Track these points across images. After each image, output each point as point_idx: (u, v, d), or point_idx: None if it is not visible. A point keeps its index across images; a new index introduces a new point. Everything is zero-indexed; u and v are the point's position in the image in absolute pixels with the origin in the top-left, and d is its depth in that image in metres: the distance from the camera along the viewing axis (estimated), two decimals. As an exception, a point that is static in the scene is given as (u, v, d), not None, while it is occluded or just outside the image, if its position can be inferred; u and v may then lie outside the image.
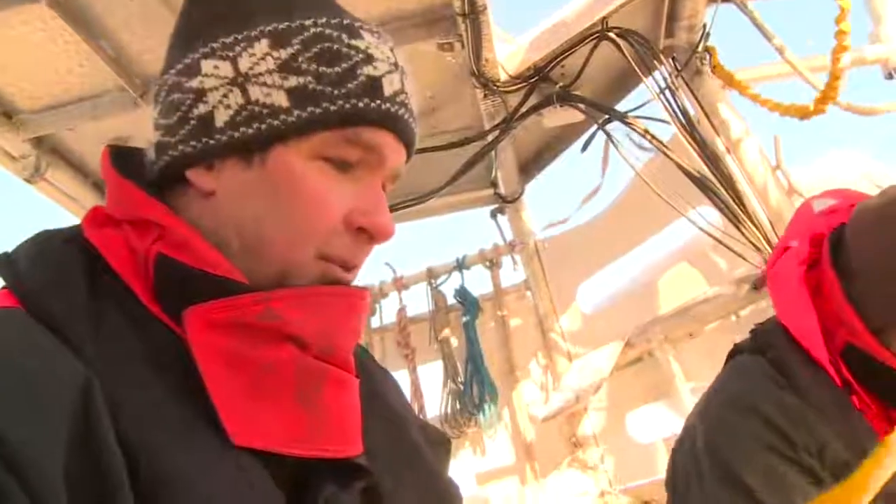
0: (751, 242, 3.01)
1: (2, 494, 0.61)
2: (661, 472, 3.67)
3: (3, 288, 0.79)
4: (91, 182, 3.61)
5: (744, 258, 3.10)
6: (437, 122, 3.60)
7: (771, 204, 3.09)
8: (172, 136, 0.87)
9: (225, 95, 0.84)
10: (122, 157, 0.93)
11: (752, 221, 3.02)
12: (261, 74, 0.84)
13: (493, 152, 3.70)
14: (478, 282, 4.47)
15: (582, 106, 3.35)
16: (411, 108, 0.92)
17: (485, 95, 3.30)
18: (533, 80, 3.31)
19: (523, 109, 3.38)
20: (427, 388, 4.32)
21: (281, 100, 0.84)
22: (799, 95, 2.99)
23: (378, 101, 0.86)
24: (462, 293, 4.36)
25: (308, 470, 0.81)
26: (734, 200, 3.05)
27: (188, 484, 0.70)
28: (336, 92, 0.84)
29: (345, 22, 0.88)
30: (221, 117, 0.84)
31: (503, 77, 3.22)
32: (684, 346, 3.65)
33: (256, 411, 0.78)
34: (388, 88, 0.87)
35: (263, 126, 0.84)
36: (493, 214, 4.33)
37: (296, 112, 0.83)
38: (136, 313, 0.80)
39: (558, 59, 3.26)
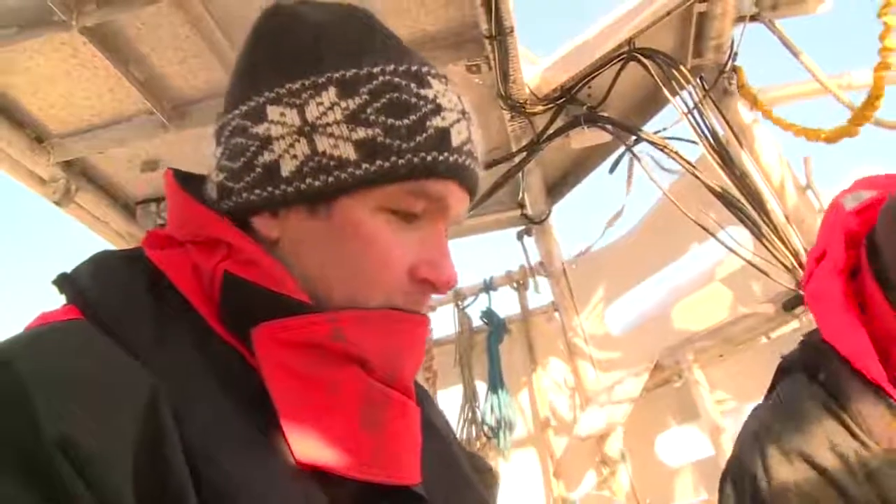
0: (781, 263, 2.98)
1: (71, 498, 0.61)
2: (691, 495, 3.66)
3: (66, 304, 0.80)
4: (120, 204, 3.66)
5: (774, 279, 3.07)
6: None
7: (802, 224, 3.06)
8: (237, 182, 0.86)
9: (291, 145, 0.83)
10: (186, 181, 0.93)
11: (783, 241, 2.98)
12: (328, 125, 0.83)
13: (520, 174, 3.70)
14: (505, 303, 4.47)
15: (609, 127, 3.35)
16: (476, 155, 0.90)
17: (512, 117, 3.30)
18: (560, 101, 3.31)
19: (550, 131, 3.38)
20: (451, 411, 4.31)
21: (349, 152, 0.82)
22: (829, 113, 2.96)
23: (446, 154, 0.84)
24: (489, 315, 4.35)
25: (366, 494, 0.80)
26: (764, 220, 3.02)
27: (250, 499, 0.70)
28: (405, 146, 0.82)
29: (413, 69, 0.87)
30: (287, 167, 0.83)
31: (530, 98, 3.22)
32: (714, 368, 3.62)
33: (321, 431, 0.78)
34: (456, 139, 0.86)
35: (331, 179, 0.82)
36: (520, 236, 4.33)
37: (364, 165, 0.82)
38: (199, 330, 0.80)
39: (585, 80, 3.27)
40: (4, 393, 0.65)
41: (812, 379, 1.33)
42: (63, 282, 0.82)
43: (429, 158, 0.83)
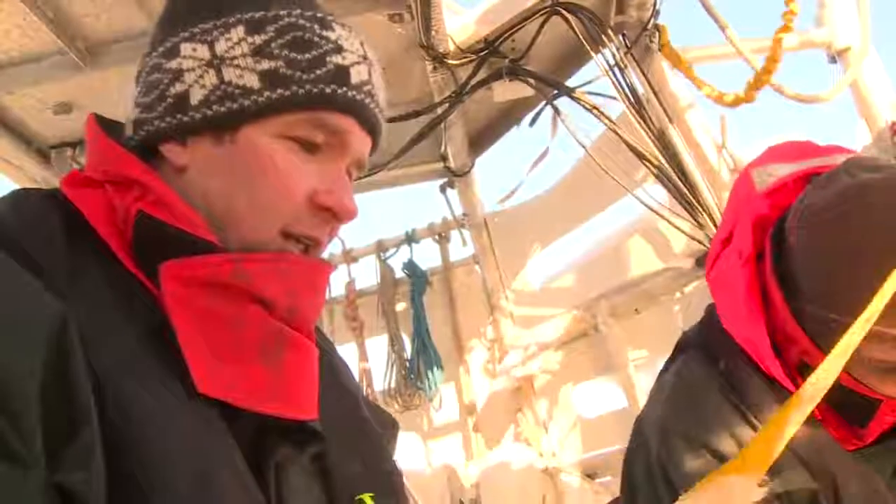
0: (695, 220, 3.04)
1: None
2: (606, 445, 3.75)
3: None
4: (34, 148, 3.53)
5: (689, 235, 3.13)
6: (386, 94, 3.54)
7: (717, 182, 3.12)
8: (150, 113, 0.93)
9: (201, 76, 0.90)
10: (107, 125, 0.98)
11: (698, 199, 3.04)
12: (235, 58, 0.90)
13: (442, 126, 3.68)
14: (427, 255, 4.48)
15: (531, 80, 3.34)
16: (378, 99, 0.97)
17: (434, 68, 3.27)
18: (483, 53, 3.28)
19: (473, 83, 3.36)
20: (374, 361, 4.34)
21: (253, 81, 0.89)
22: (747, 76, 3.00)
23: (344, 88, 0.91)
24: (410, 266, 4.37)
25: (264, 429, 0.86)
26: (680, 178, 3.07)
27: (151, 425, 0.74)
28: (305, 76, 0.89)
29: (318, 15, 0.94)
30: (196, 96, 0.90)
31: (453, 50, 3.20)
32: (630, 321, 3.69)
33: (222, 365, 0.82)
34: (356, 77, 0.93)
35: (235, 105, 0.89)
36: (443, 188, 4.32)
37: (266, 93, 0.89)
38: (112, 267, 0.85)
39: (508, 33, 3.24)
40: None
41: (712, 365, 1.34)
42: None
43: (327, 90, 0.90)
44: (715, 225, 2.98)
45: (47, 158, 3.57)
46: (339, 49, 0.92)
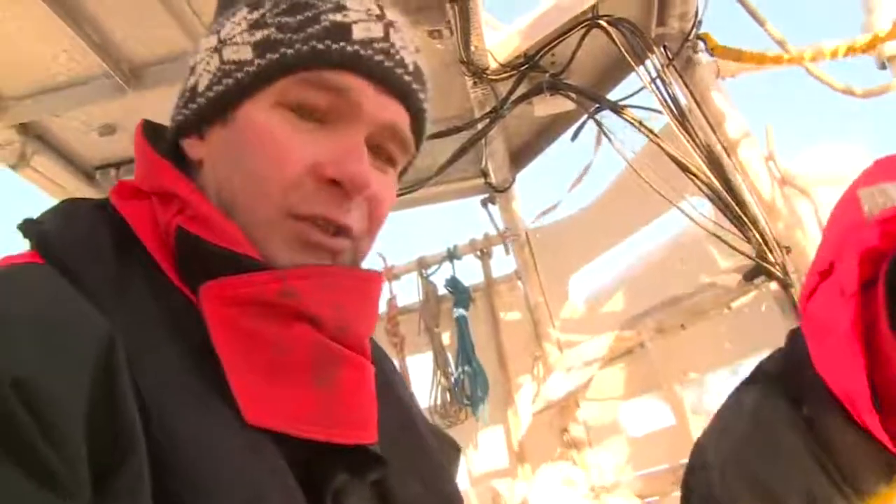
0: (742, 234, 2.99)
1: (23, 439, 0.59)
2: (654, 464, 3.69)
3: (30, 249, 0.79)
4: (79, 170, 3.61)
5: (736, 249, 3.07)
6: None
7: (763, 194, 3.06)
8: (174, 111, 0.92)
9: (207, 63, 0.89)
10: (156, 133, 0.94)
11: (744, 212, 2.99)
12: (234, 36, 0.88)
13: (483, 141, 3.67)
14: (469, 272, 4.45)
15: (572, 94, 3.32)
16: (401, 59, 0.88)
17: (474, 84, 3.26)
18: (523, 68, 3.28)
19: (513, 98, 3.34)
20: (416, 378, 4.31)
21: (246, 54, 0.86)
22: (790, 86, 2.95)
23: (343, 44, 0.84)
24: (453, 283, 4.34)
25: (320, 455, 0.79)
26: (726, 190, 3.02)
27: (198, 448, 0.69)
28: (295, 37, 0.84)
29: None
30: (203, 82, 0.89)
31: (493, 65, 3.18)
32: (676, 338, 3.63)
33: (271, 390, 0.77)
34: (360, 34, 0.85)
35: (231, 81, 0.86)
36: (484, 204, 4.31)
37: (257, 62, 0.85)
38: (159, 282, 0.80)
39: (548, 47, 3.23)
40: None
41: (795, 408, 1.15)
42: (28, 226, 0.81)
43: (320, 46, 0.84)
44: (763, 238, 2.93)
45: (92, 179, 3.64)
46: (339, 8, 0.86)
